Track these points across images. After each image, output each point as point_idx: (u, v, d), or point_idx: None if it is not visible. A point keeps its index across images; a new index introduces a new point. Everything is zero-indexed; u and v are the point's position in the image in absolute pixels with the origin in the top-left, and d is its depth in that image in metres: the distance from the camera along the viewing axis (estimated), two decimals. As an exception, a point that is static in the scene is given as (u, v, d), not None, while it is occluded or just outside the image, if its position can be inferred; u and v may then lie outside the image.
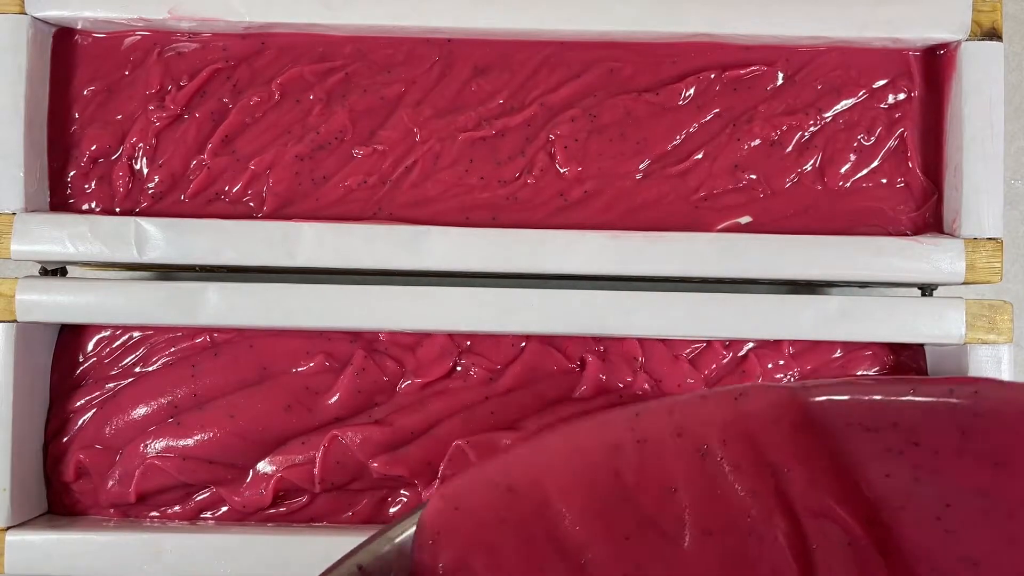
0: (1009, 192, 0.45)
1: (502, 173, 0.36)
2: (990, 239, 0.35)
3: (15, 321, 0.35)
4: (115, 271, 0.43)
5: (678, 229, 0.35)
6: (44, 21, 0.35)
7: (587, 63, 0.36)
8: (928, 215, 0.36)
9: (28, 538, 0.34)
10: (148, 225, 0.34)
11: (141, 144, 0.36)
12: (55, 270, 0.37)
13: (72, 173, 0.36)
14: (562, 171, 0.36)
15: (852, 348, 0.37)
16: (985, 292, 0.43)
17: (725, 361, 0.36)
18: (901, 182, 0.36)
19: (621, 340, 0.36)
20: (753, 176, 0.36)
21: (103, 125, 0.36)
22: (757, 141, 0.36)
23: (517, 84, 0.36)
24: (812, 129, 0.36)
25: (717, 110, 0.36)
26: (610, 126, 0.36)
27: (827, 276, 0.35)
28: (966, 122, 0.35)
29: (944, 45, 0.36)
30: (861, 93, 0.36)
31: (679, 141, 0.36)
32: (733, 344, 0.36)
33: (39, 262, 0.36)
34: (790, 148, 0.36)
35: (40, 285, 0.35)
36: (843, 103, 0.36)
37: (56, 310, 0.35)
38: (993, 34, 0.35)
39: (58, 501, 0.37)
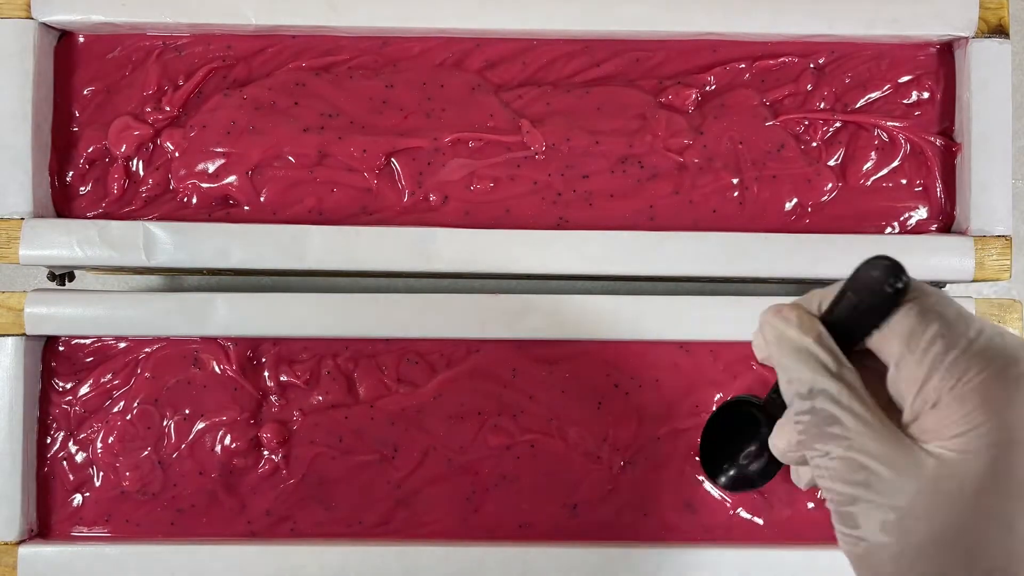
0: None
1: (510, 172, 0.36)
2: (999, 236, 0.35)
3: (24, 335, 0.35)
4: (123, 274, 0.43)
5: (695, 228, 0.35)
6: (49, 26, 0.35)
7: (612, 52, 0.36)
8: (938, 212, 0.36)
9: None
10: (156, 229, 0.34)
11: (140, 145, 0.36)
12: (62, 274, 0.37)
13: (71, 174, 0.36)
14: (569, 167, 0.36)
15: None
16: (985, 291, 0.43)
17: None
18: (915, 180, 0.36)
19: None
20: (769, 171, 0.36)
21: (101, 127, 0.36)
22: (780, 135, 0.36)
23: (528, 79, 0.36)
24: (836, 126, 0.36)
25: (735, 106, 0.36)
26: (621, 120, 0.36)
27: (836, 275, 0.35)
28: (974, 118, 0.35)
29: (951, 42, 0.36)
30: (886, 88, 0.36)
31: (695, 136, 0.36)
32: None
33: (48, 267, 0.36)
34: (814, 143, 0.36)
35: (48, 298, 0.35)
36: (866, 97, 0.36)
37: (65, 323, 0.35)
38: (1000, 31, 0.35)
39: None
